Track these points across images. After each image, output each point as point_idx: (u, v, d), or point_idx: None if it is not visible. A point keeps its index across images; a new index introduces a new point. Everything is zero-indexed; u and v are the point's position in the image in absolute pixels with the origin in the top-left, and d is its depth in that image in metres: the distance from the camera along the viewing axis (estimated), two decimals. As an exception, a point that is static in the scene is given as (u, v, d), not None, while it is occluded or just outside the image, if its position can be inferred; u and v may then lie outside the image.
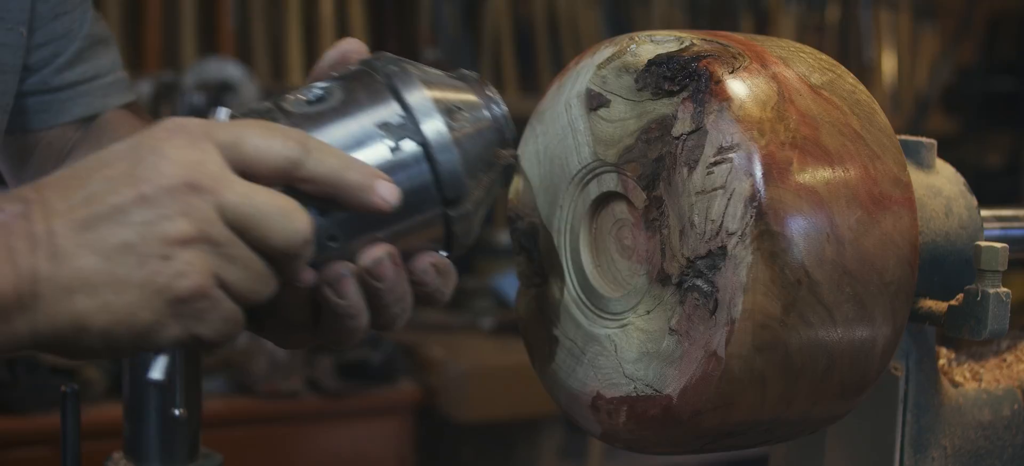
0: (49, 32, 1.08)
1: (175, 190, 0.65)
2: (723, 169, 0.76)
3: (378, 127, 0.73)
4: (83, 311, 0.65)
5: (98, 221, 0.65)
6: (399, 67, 0.76)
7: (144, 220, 0.65)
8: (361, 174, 0.71)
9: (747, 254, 0.75)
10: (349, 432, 2.92)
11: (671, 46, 0.82)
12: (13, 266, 0.64)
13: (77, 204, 0.65)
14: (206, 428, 1.21)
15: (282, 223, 0.67)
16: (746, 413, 0.79)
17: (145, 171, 0.66)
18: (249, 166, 0.68)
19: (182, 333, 0.67)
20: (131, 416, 1.17)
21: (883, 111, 0.84)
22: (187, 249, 0.65)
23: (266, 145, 0.68)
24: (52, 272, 0.64)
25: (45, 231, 0.64)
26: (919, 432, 0.94)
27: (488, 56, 3.67)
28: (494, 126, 0.79)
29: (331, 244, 0.72)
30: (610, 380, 0.83)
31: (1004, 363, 1.03)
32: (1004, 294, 0.85)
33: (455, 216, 0.76)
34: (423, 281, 0.76)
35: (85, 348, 0.66)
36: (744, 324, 0.75)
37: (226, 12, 3.33)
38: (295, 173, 0.69)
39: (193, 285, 0.66)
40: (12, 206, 0.65)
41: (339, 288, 0.73)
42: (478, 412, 3.06)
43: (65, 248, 0.64)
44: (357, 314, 0.74)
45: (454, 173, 0.75)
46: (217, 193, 0.66)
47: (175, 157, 0.66)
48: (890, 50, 4.46)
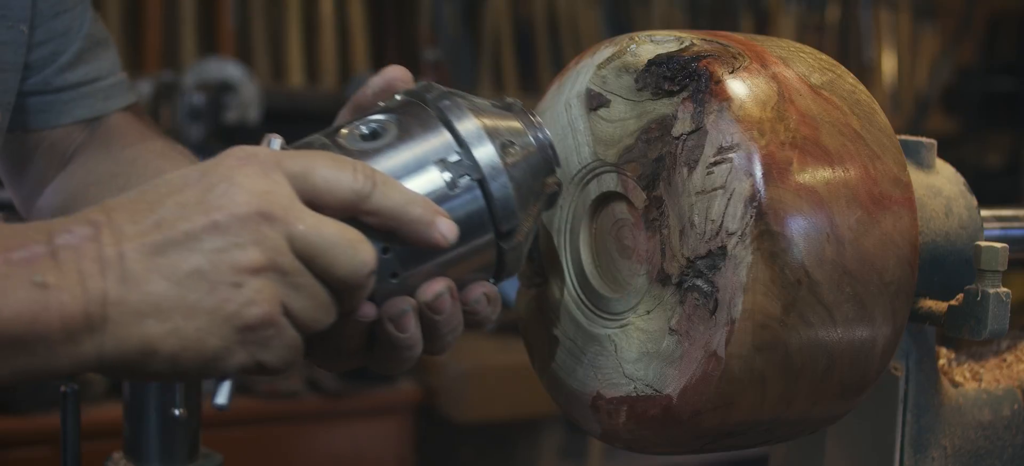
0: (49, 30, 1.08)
1: (247, 219, 0.66)
2: (723, 169, 0.76)
3: (435, 163, 0.75)
4: (152, 336, 0.65)
5: (169, 247, 0.65)
6: (451, 100, 0.77)
7: (216, 247, 0.66)
8: (424, 209, 0.72)
9: (747, 254, 0.75)
10: (349, 432, 2.92)
11: (671, 46, 0.82)
12: (83, 289, 0.64)
13: (148, 228, 0.66)
14: (206, 428, 1.21)
15: (349, 254, 0.68)
16: (746, 413, 0.79)
17: (217, 199, 0.66)
18: (318, 197, 0.69)
19: (248, 360, 0.68)
20: (131, 416, 1.17)
21: (883, 111, 0.84)
22: (257, 277, 0.66)
23: (335, 177, 0.69)
24: (122, 295, 0.64)
25: (115, 254, 0.65)
26: (919, 432, 0.94)
27: (488, 56, 3.67)
28: (541, 154, 0.80)
29: (392, 280, 0.73)
30: (610, 380, 0.83)
31: (1004, 363, 1.03)
32: (1004, 294, 0.85)
33: (507, 247, 0.78)
34: (475, 310, 0.77)
35: (151, 372, 0.67)
36: (744, 324, 0.75)
37: (226, 12, 3.33)
38: (361, 206, 0.70)
39: (262, 313, 0.66)
40: (81, 228, 0.66)
41: (401, 323, 0.74)
42: (478, 412, 3.06)
43: (136, 272, 0.65)
44: (414, 345, 0.76)
45: (508, 207, 0.76)
46: (287, 223, 0.67)
47: (247, 186, 0.67)
48: (890, 50, 4.46)
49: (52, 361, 0.64)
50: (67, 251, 0.65)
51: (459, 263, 0.76)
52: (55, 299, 0.63)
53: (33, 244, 0.65)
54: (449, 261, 0.75)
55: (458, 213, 0.74)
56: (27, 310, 0.63)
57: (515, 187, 0.76)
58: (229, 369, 0.68)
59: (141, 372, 0.67)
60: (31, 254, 0.64)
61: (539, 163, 0.79)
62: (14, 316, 0.63)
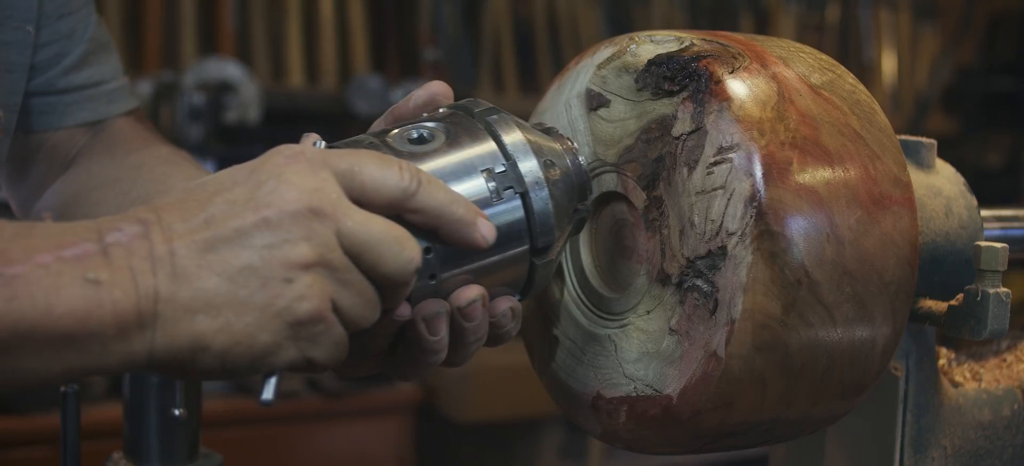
0: (54, 31, 1.08)
1: (298, 215, 0.67)
2: (723, 169, 0.76)
3: (481, 172, 0.76)
4: (203, 332, 0.66)
5: (220, 243, 0.66)
6: (498, 115, 0.79)
7: (267, 243, 0.66)
8: (466, 210, 0.73)
9: (747, 254, 0.75)
10: (349, 432, 2.92)
11: (671, 46, 0.82)
12: (134, 286, 0.64)
13: (198, 226, 0.66)
14: (206, 428, 1.21)
15: (395, 251, 0.69)
16: (746, 413, 0.79)
17: (267, 196, 0.67)
18: (364, 194, 0.70)
19: (297, 356, 0.68)
20: (131, 416, 1.17)
21: (883, 111, 0.84)
22: (307, 273, 0.67)
23: (382, 175, 0.70)
24: (173, 292, 0.65)
25: (166, 252, 0.65)
26: (919, 432, 0.94)
27: (488, 56, 3.67)
28: (577, 178, 0.81)
29: (429, 281, 0.74)
30: (610, 380, 0.83)
31: (1004, 363, 1.03)
32: (1004, 294, 0.85)
33: (539, 264, 0.79)
34: (501, 323, 0.78)
35: (201, 369, 0.67)
36: (744, 324, 0.75)
37: (226, 12, 3.33)
38: (406, 203, 0.71)
39: (313, 308, 0.67)
40: (131, 227, 0.66)
41: (433, 325, 0.74)
42: (478, 412, 3.06)
43: (187, 269, 0.65)
44: (441, 350, 0.76)
45: (547, 223, 0.77)
46: (337, 219, 0.68)
47: (296, 183, 0.68)
48: (890, 50, 4.46)
49: (103, 358, 0.65)
50: (118, 249, 0.65)
51: (493, 272, 0.77)
52: (107, 296, 0.64)
53: (84, 242, 0.65)
54: (483, 269, 0.76)
55: (498, 222, 0.75)
56: (80, 307, 0.63)
57: (554, 205, 0.78)
58: (278, 365, 0.68)
59: (191, 369, 0.67)
60: (83, 251, 0.64)
61: (574, 186, 0.80)
62: (67, 312, 0.63)
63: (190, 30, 3.29)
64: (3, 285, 0.62)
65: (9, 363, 0.63)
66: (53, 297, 0.63)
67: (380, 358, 0.78)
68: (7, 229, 0.65)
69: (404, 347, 0.77)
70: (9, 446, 2.44)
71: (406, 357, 0.77)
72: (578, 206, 0.81)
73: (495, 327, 0.78)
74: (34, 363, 0.63)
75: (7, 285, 0.62)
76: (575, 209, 0.81)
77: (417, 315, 0.74)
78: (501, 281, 0.78)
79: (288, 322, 0.67)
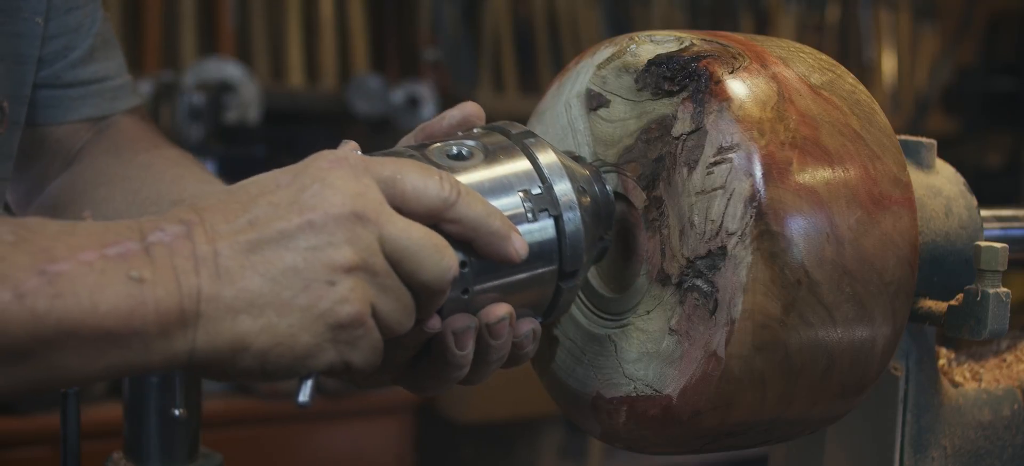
0: (62, 25, 1.09)
1: (342, 219, 0.67)
2: (723, 169, 0.76)
3: (518, 192, 0.77)
4: (245, 332, 0.66)
5: (264, 245, 0.66)
6: (534, 138, 0.80)
7: (311, 245, 0.67)
8: (502, 223, 0.74)
9: (747, 254, 0.75)
10: (349, 432, 2.92)
11: (671, 46, 0.82)
12: (177, 285, 0.65)
13: (242, 227, 0.67)
14: (206, 428, 1.21)
15: (435, 259, 0.70)
16: (746, 413, 0.79)
17: (312, 199, 0.68)
18: (405, 202, 0.71)
19: (336, 359, 0.69)
20: (131, 416, 1.17)
21: (883, 111, 0.84)
22: (350, 276, 0.67)
23: (423, 184, 0.71)
24: (216, 292, 0.65)
25: (210, 252, 0.66)
26: (919, 432, 0.94)
27: (488, 56, 3.67)
28: (605, 207, 0.82)
29: (462, 295, 0.75)
30: (610, 380, 0.83)
31: (1004, 363, 1.03)
32: (1004, 294, 0.85)
33: (565, 287, 0.79)
34: (522, 344, 0.79)
35: (240, 369, 0.67)
36: (744, 324, 0.75)
37: (226, 12, 3.33)
38: (445, 213, 0.72)
39: (354, 311, 0.67)
40: (173, 227, 0.66)
41: (462, 339, 0.75)
42: (478, 412, 3.06)
43: (230, 269, 0.66)
44: (465, 365, 0.77)
45: (577, 247, 0.78)
46: (380, 224, 0.68)
47: (341, 187, 0.68)
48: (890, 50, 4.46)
49: (145, 357, 0.65)
50: (161, 248, 0.65)
51: (520, 291, 0.77)
52: (151, 294, 0.64)
53: (127, 241, 0.65)
54: (513, 287, 0.77)
55: (531, 241, 0.76)
56: (124, 305, 0.63)
57: (585, 230, 0.79)
58: (318, 367, 0.69)
59: (230, 369, 0.67)
60: (126, 250, 0.65)
61: (602, 214, 0.81)
62: (111, 310, 0.63)
63: (190, 30, 3.29)
64: (48, 282, 0.62)
65: (52, 361, 0.63)
66: (97, 295, 0.63)
67: (401, 370, 0.79)
68: (50, 227, 0.65)
69: (428, 360, 0.77)
70: (9, 446, 2.44)
71: (428, 371, 0.78)
72: (603, 235, 0.82)
73: (516, 348, 0.79)
74: (76, 361, 0.64)
75: (52, 282, 0.62)
76: (600, 237, 0.82)
77: (447, 328, 0.74)
78: (527, 301, 0.78)
79: (330, 324, 0.67)
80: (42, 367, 0.63)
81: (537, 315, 0.80)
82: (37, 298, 0.62)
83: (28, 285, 0.62)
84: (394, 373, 0.79)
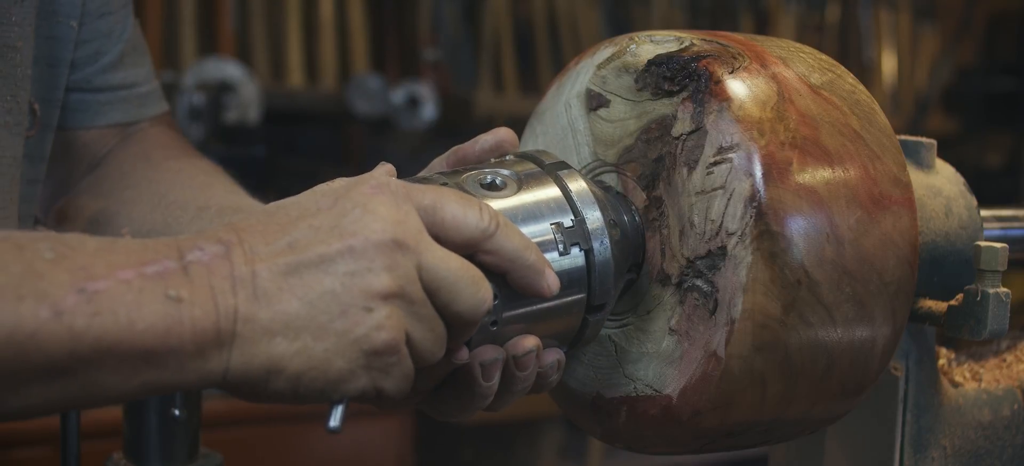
0: (94, 30, 1.09)
1: (382, 246, 0.67)
2: (723, 169, 0.76)
3: (551, 225, 0.77)
4: (280, 354, 0.66)
5: (303, 268, 0.67)
6: (567, 170, 0.81)
7: (349, 271, 0.67)
8: (537, 258, 0.74)
9: (747, 254, 0.75)
10: (349, 432, 2.91)
11: (671, 46, 0.82)
12: (214, 305, 0.65)
13: (281, 250, 0.67)
14: (206, 428, 1.21)
15: (471, 291, 0.70)
16: (746, 413, 0.79)
17: (352, 224, 0.68)
18: (444, 231, 0.71)
19: (368, 385, 0.69)
20: (131, 416, 1.17)
21: (883, 111, 0.84)
22: (387, 304, 0.67)
23: (463, 214, 0.71)
24: (253, 313, 0.65)
25: (248, 273, 0.66)
26: (919, 432, 0.94)
27: (488, 56, 3.67)
28: (634, 240, 0.82)
29: (491, 327, 0.75)
30: (610, 380, 0.83)
31: (1004, 363, 1.03)
32: (1004, 294, 0.85)
33: (592, 320, 0.80)
34: (546, 374, 0.79)
35: (272, 391, 0.67)
36: (744, 324, 0.75)
37: (226, 12, 3.33)
38: (483, 244, 0.72)
39: (390, 339, 0.68)
40: (211, 246, 0.67)
41: (489, 371, 0.75)
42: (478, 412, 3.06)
43: (269, 291, 0.66)
44: (489, 396, 0.77)
45: (606, 281, 0.78)
46: (419, 253, 0.69)
47: (383, 214, 0.68)
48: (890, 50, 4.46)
49: (180, 375, 0.65)
50: (198, 267, 0.65)
51: (547, 322, 0.78)
52: (188, 314, 0.64)
53: (164, 259, 0.65)
54: (540, 316, 0.77)
55: (561, 273, 0.76)
56: (161, 323, 0.64)
57: (614, 265, 0.79)
58: (350, 393, 0.69)
59: (263, 391, 0.67)
60: (164, 269, 0.65)
61: (631, 248, 0.81)
62: (148, 328, 0.63)
63: (190, 30, 3.29)
64: (86, 300, 0.62)
65: (89, 378, 0.63)
66: (135, 313, 0.63)
67: (425, 396, 0.79)
68: (89, 244, 0.65)
69: (453, 388, 0.77)
70: (9, 446, 2.44)
71: (452, 398, 0.78)
72: (632, 266, 0.82)
73: (540, 377, 0.79)
74: (112, 379, 0.64)
75: (90, 300, 0.62)
76: (628, 269, 0.81)
77: (475, 360, 0.75)
78: (553, 332, 0.79)
79: (364, 350, 0.67)
80: (78, 385, 0.63)
81: (563, 345, 0.80)
82: (76, 316, 0.62)
83: (67, 303, 0.62)
84: (418, 399, 0.79)
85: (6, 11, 0.96)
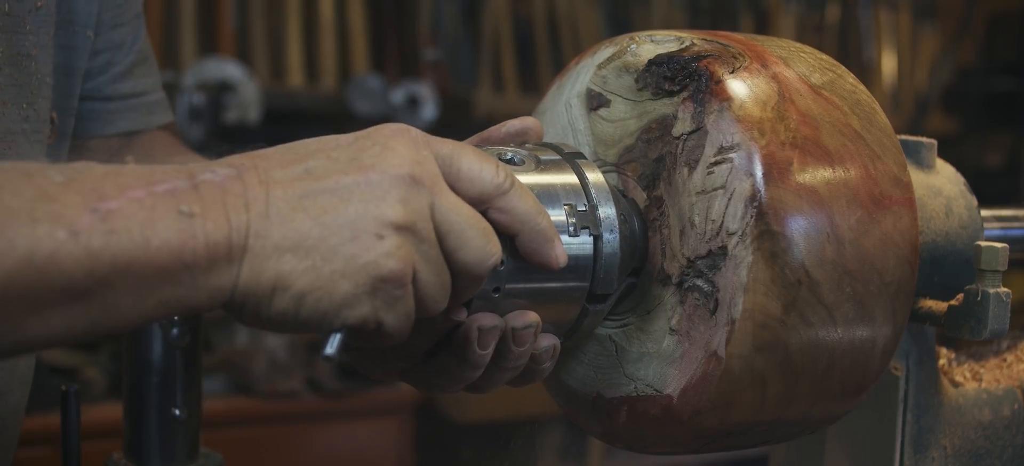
0: (107, 40, 1.11)
1: (399, 179, 0.68)
2: (723, 169, 0.76)
3: (564, 206, 0.78)
4: (288, 271, 0.66)
5: (318, 194, 0.67)
6: (584, 158, 0.81)
7: (365, 198, 0.67)
8: (549, 225, 0.74)
9: (747, 254, 0.75)
10: (349, 432, 2.92)
11: (671, 46, 0.82)
12: (227, 220, 0.65)
13: (297, 175, 0.68)
14: (206, 428, 1.21)
15: (480, 242, 0.70)
16: (746, 413, 0.79)
17: (371, 159, 0.69)
18: (459, 181, 0.72)
19: (370, 314, 0.68)
20: (131, 416, 1.17)
21: (883, 111, 0.84)
22: (398, 234, 0.68)
23: (479, 167, 0.72)
24: (265, 229, 0.66)
25: (263, 194, 0.66)
26: (919, 432, 0.94)
27: (488, 56, 3.67)
28: (640, 241, 0.82)
29: (493, 294, 0.75)
30: (610, 380, 0.83)
31: (1004, 363, 1.03)
32: (1004, 294, 0.85)
33: (591, 311, 0.80)
34: (540, 358, 0.79)
35: (276, 310, 0.67)
36: (744, 324, 0.75)
37: (226, 12, 3.33)
38: (496, 201, 0.72)
39: (398, 268, 0.68)
40: (224, 170, 0.67)
41: (486, 338, 0.75)
42: (478, 412, 3.06)
43: (282, 210, 0.66)
44: (480, 367, 0.77)
45: (611, 272, 0.79)
46: (434, 194, 0.69)
47: (401, 152, 0.69)
48: (890, 50, 4.46)
49: (193, 293, 0.65)
50: (210, 187, 0.66)
51: (549, 303, 0.78)
52: (201, 228, 0.64)
53: (175, 179, 0.66)
54: (543, 295, 0.77)
55: (569, 256, 0.76)
56: (175, 239, 0.64)
57: (620, 259, 0.79)
58: (350, 319, 0.68)
59: (266, 310, 0.67)
60: (175, 187, 0.65)
61: (635, 250, 0.81)
62: (163, 244, 0.63)
63: (190, 30, 3.29)
64: (101, 220, 0.62)
65: (107, 300, 0.63)
66: (148, 230, 0.63)
67: (413, 363, 0.79)
68: (97, 169, 0.65)
69: (444, 355, 0.77)
70: (9, 446, 2.44)
71: (443, 367, 0.78)
72: (633, 270, 0.82)
73: (533, 361, 0.79)
74: (129, 299, 0.64)
75: (104, 220, 0.62)
76: (630, 272, 0.82)
77: (473, 322, 0.75)
78: (552, 316, 0.79)
79: (372, 276, 0.67)
80: (97, 307, 0.63)
81: (559, 333, 0.80)
82: (92, 236, 0.62)
83: (82, 223, 0.62)
84: (408, 364, 0.79)
85: (20, 20, 0.97)
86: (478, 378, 0.78)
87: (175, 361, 1.15)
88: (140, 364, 1.16)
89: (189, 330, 1.16)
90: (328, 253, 0.67)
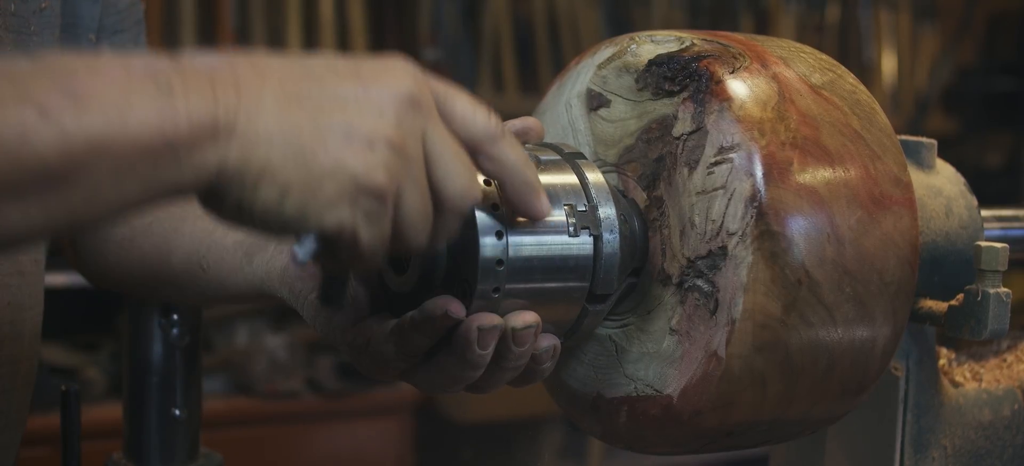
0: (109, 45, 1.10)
1: (399, 98, 0.68)
2: (723, 169, 0.76)
3: (564, 206, 0.78)
4: (275, 160, 0.65)
5: (317, 95, 0.66)
6: (584, 159, 0.81)
7: (362, 109, 0.67)
8: (535, 178, 0.74)
9: (747, 254, 0.75)
10: (349, 432, 2.92)
11: (671, 46, 0.82)
12: (213, 98, 0.63)
13: (298, 75, 0.67)
14: (206, 428, 1.21)
15: (465, 177, 0.70)
16: (746, 413, 0.79)
17: (372, 76, 0.69)
18: (452, 121, 0.72)
19: (348, 221, 0.67)
20: (131, 416, 1.17)
21: (883, 111, 0.84)
22: (388, 149, 0.67)
23: (472, 111, 0.73)
24: (257, 113, 0.64)
25: (258, 82, 0.65)
26: (919, 432, 0.94)
27: (488, 56, 3.67)
28: (640, 241, 0.82)
29: (493, 294, 0.75)
30: (610, 380, 0.83)
31: (1004, 363, 1.03)
32: (1004, 294, 0.85)
33: (591, 311, 0.80)
34: (540, 359, 0.79)
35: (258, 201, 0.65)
36: (744, 324, 0.75)
37: (226, 12, 3.33)
38: (485, 147, 0.73)
39: (383, 181, 0.67)
40: (212, 58, 0.66)
41: (485, 338, 0.75)
42: (478, 412, 3.06)
43: (278, 99, 0.65)
44: (480, 367, 0.77)
45: (611, 273, 0.79)
46: (428, 121, 0.69)
47: (402, 76, 0.69)
48: (890, 50, 4.46)
49: (176, 174, 0.63)
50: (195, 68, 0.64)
51: (549, 303, 0.78)
52: (183, 105, 0.62)
53: (156, 61, 0.64)
54: (542, 295, 0.77)
55: (569, 257, 0.77)
56: (154, 116, 0.61)
57: (620, 259, 0.79)
58: (327, 223, 0.67)
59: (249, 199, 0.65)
60: (154, 68, 0.63)
61: (635, 250, 0.81)
62: (141, 123, 0.61)
63: (190, 30, 3.29)
64: (73, 101, 0.60)
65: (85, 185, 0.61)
66: (126, 109, 0.61)
67: (413, 363, 0.78)
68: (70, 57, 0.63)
69: (444, 355, 0.77)
70: (9, 446, 2.44)
71: (442, 366, 0.78)
72: (632, 271, 0.82)
73: (533, 361, 0.79)
74: (110, 183, 0.62)
75: (77, 101, 0.60)
76: (629, 273, 0.81)
77: (473, 322, 0.74)
78: (552, 316, 0.79)
79: (358, 185, 0.66)
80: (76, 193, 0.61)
81: (559, 333, 0.80)
82: (63, 114, 0.60)
83: (52, 102, 0.60)
84: (408, 364, 0.79)
85: (25, 21, 0.97)
86: (478, 378, 0.78)
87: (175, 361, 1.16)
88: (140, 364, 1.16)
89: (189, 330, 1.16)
90: (319, 150, 0.65)
